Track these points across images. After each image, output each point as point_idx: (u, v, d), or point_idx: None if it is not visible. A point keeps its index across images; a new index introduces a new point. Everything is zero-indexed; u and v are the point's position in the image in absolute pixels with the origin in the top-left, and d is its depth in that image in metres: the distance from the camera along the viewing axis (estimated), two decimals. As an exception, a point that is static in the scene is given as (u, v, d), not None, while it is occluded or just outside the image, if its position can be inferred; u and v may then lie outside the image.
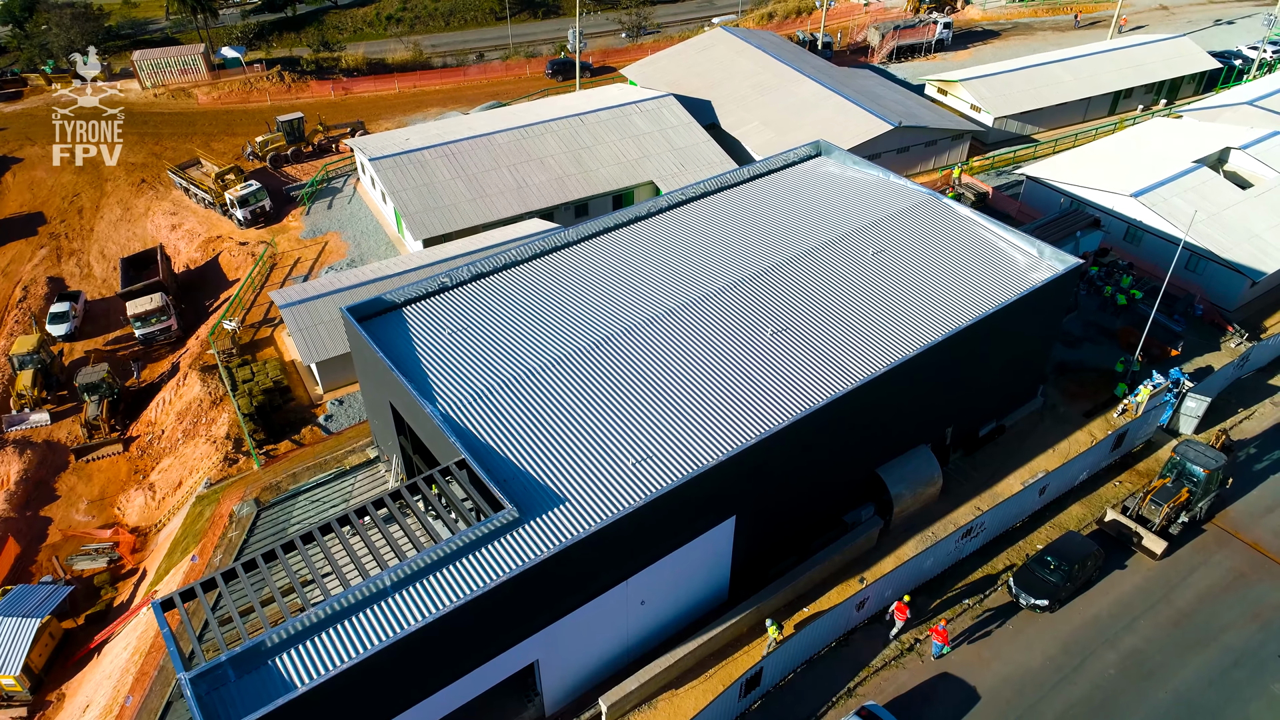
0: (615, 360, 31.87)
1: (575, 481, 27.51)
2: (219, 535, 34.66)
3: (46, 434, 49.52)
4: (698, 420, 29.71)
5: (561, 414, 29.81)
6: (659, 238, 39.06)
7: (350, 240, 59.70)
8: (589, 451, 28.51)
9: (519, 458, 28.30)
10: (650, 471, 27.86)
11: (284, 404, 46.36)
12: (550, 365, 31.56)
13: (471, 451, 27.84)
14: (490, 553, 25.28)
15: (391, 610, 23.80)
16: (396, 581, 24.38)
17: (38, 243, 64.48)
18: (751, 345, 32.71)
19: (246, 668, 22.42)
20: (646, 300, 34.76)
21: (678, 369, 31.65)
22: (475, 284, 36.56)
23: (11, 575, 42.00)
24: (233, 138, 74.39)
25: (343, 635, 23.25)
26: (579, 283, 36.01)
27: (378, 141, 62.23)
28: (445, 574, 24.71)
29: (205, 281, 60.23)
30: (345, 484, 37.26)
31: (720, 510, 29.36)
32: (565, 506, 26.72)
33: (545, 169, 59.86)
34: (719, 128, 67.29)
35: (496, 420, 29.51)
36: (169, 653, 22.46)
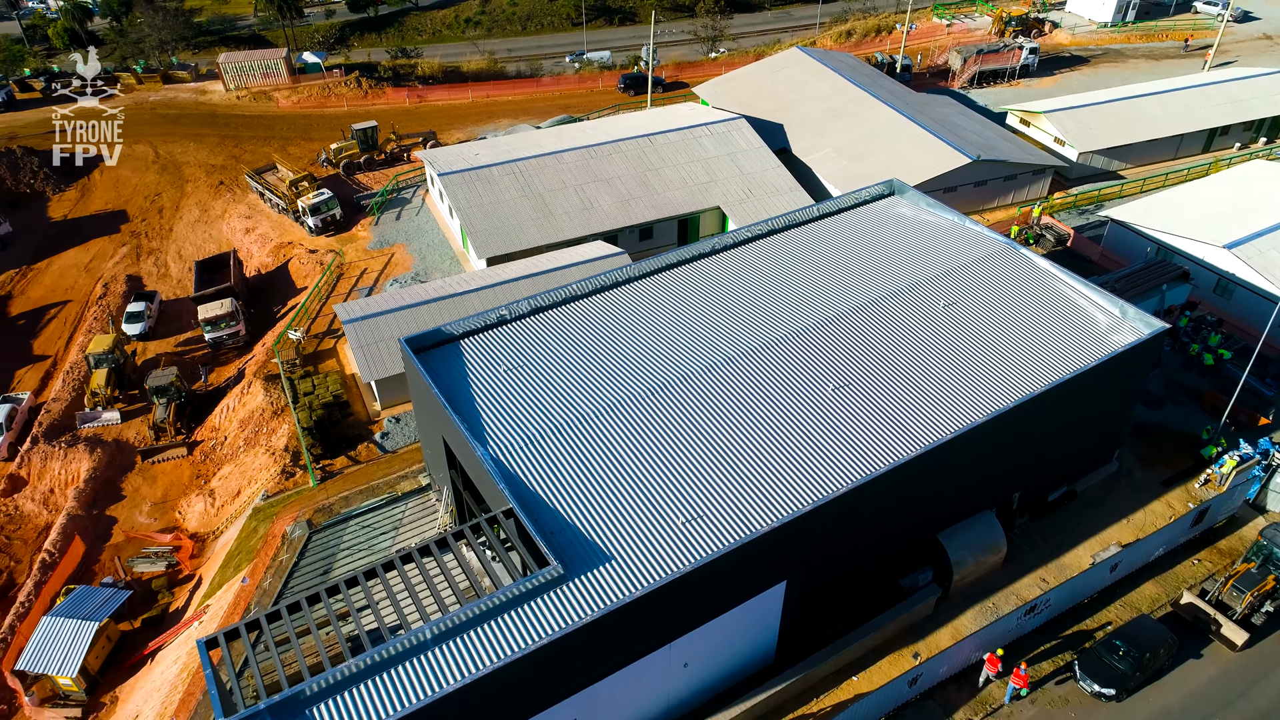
0: (670, 409, 31.24)
1: (623, 539, 26.96)
2: (271, 556, 35.04)
3: (116, 433, 50.91)
4: (752, 479, 28.90)
5: (612, 465, 29.29)
6: (722, 277, 38.28)
7: (416, 254, 60.18)
8: (639, 507, 27.93)
9: (567, 510, 27.86)
10: (701, 532, 27.16)
11: (342, 419, 46.82)
12: (604, 411, 31.06)
13: (520, 501, 27.52)
14: (533, 611, 24.87)
15: (432, 665, 23.57)
16: (437, 635, 24.15)
17: (119, 240, 66.54)
18: (812, 400, 31.74)
19: (284, 716, 22.41)
20: (706, 345, 34.04)
21: (734, 422, 30.87)
22: (534, 318, 36.29)
23: (76, 574, 43.18)
24: (309, 142, 75.80)
25: (382, 689, 23.09)
26: (638, 323, 35.45)
27: (448, 155, 62.63)
28: (487, 630, 24.38)
29: (274, 287, 61.36)
30: (396, 511, 37.37)
31: (771, 575, 28.51)
32: (612, 565, 26.19)
33: (611, 190, 59.50)
34: (790, 153, 66.07)
35: (546, 468, 29.13)
36: (210, 695, 22.58)
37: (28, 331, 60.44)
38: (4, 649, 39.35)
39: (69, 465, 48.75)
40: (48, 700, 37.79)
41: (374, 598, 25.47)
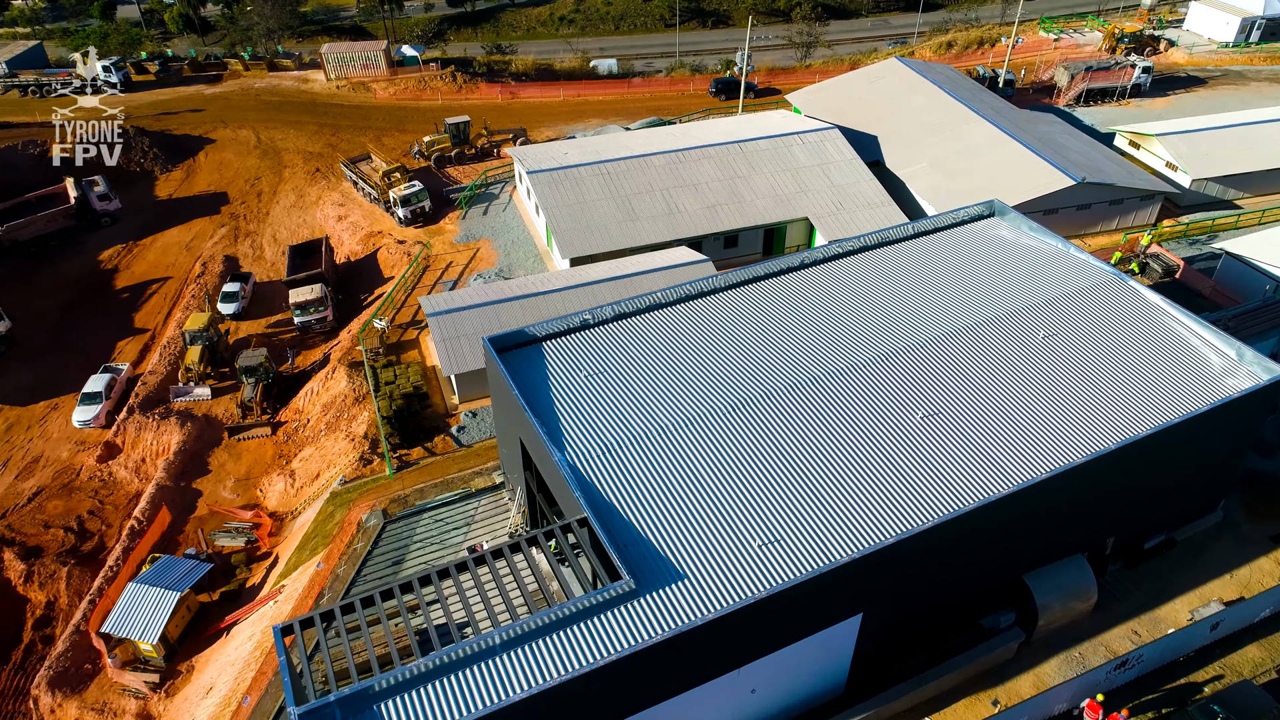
0: (751, 427, 30.58)
1: (698, 557, 26.45)
2: (346, 543, 35.60)
3: (206, 409, 52.60)
4: (833, 505, 28.05)
5: (690, 480, 28.80)
6: (810, 294, 37.40)
7: (501, 250, 60.67)
8: (715, 526, 27.38)
9: (642, 523, 27.49)
10: (778, 557, 26.46)
11: (421, 410, 47.44)
12: (683, 424, 30.59)
13: (595, 510, 27.27)
14: (603, 624, 24.56)
15: (500, 672, 23.46)
16: (506, 641, 24.03)
17: (219, 221, 68.86)
18: (899, 427, 30.68)
19: (353, 709, 22.58)
20: (791, 364, 33.25)
21: (817, 445, 30.04)
22: (617, 324, 36.03)
23: (160, 543, 44.71)
24: (403, 134, 77.26)
25: (448, 691, 23.08)
26: (722, 336, 34.86)
27: (537, 153, 62.96)
28: (556, 640, 24.16)
29: (362, 275, 62.65)
30: (469, 507, 37.60)
31: (848, 606, 27.64)
32: (685, 584, 25.71)
33: (698, 196, 58.95)
34: (883, 165, 64.50)
35: (623, 478, 28.81)
36: (283, 682, 22.89)
37: (130, 305, 63.02)
38: (92, 610, 40.94)
39: (161, 437, 50.57)
40: (129, 663, 39.19)
41: (444, 594, 25.50)
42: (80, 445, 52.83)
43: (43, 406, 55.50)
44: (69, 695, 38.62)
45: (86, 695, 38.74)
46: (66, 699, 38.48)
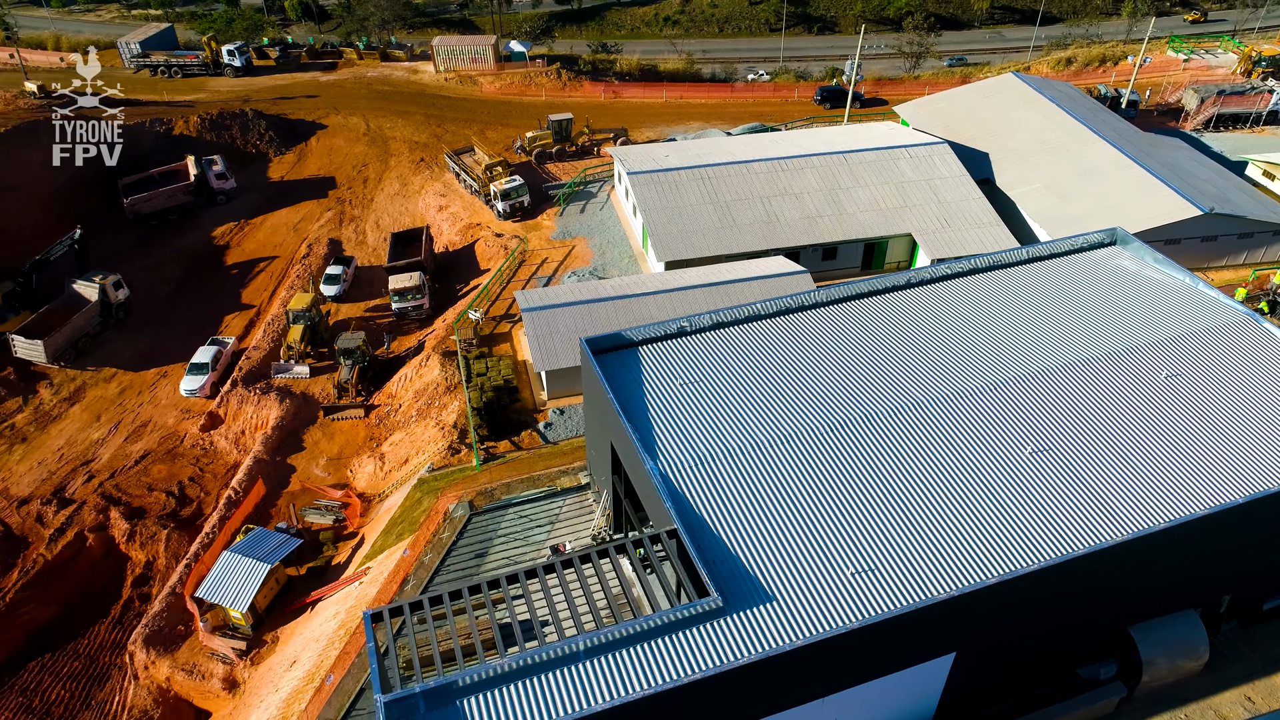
0: (850, 450, 29.71)
1: (788, 580, 25.78)
2: (432, 532, 36.08)
3: (304, 387, 54.25)
4: (933, 538, 27.00)
5: (783, 499, 28.13)
6: (917, 315, 36.19)
7: (596, 248, 60.86)
8: (807, 549, 26.66)
9: (732, 539, 26.96)
10: (872, 587, 25.59)
11: (510, 403, 47.92)
12: (779, 441, 29.93)
13: (685, 523, 26.86)
14: (688, 640, 24.13)
15: (582, 678, 23.25)
16: (590, 648, 23.83)
17: (326, 205, 71.01)
18: (1006, 462, 29.37)
19: (436, 703, 22.70)
20: (894, 387, 32.21)
21: (917, 473, 28.99)
22: (714, 333, 35.55)
23: (254, 515, 46.24)
24: (506, 128, 78.34)
25: (531, 693, 22.99)
26: (823, 352, 34.02)
27: (637, 154, 62.94)
28: (640, 652, 23.84)
29: (459, 265, 63.74)
30: (554, 505, 37.68)
31: (940, 645, 26.58)
32: (773, 607, 25.08)
33: (799, 205, 58.01)
34: (993, 184, 62.34)
35: (715, 492, 28.32)
36: (370, 668, 23.19)
37: (238, 281, 65.51)
38: (188, 574, 42.59)
39: (260, 411, 52.35)
40: (218, 629, 40.61)
41: (529, 592, 25.49)
42: (185, 413, 55.13)
43: (153, 373, 58.13)
44: (162, 654, 40.26)
45: (178, 655, 40.31)
46: (160, 657, 40.11)
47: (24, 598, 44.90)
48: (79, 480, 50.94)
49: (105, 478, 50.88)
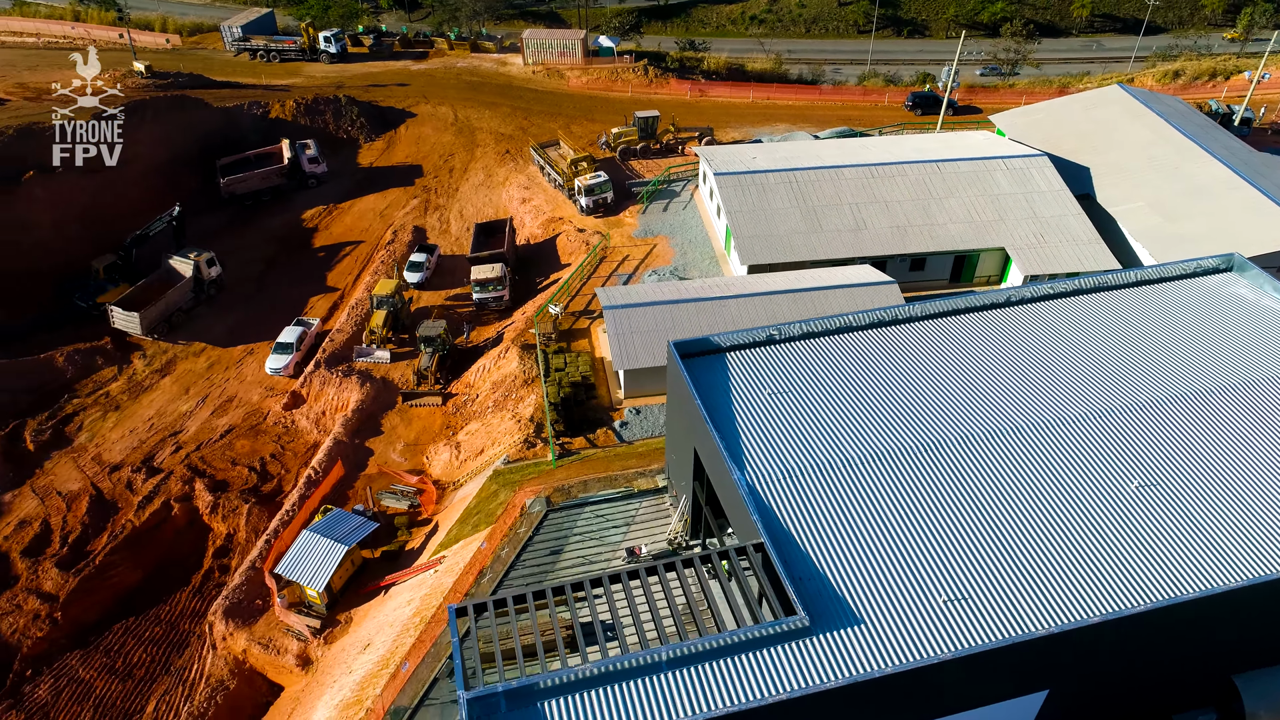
0: (944, 472, 28.74)
1: (877, 604, 25.01)
2: (509, 526, 36.16)
3: (384, 371, 55.05)
4: (1029, 569, 25.91)
5: (874, 519, 27.34)
6: (1017, 335, 34.89)
7: (677, 248, 60.44)
8: (897, 572, 25.84)
9: (819, 557, 26.29)
10: (965, 617, 24.66)
11: (587, 400, 47.84)
12: (870, 458, 29.11)
13: (772, 537, 26.29)
14: (773, 659, 23.57)
15: (663, 689, 22.89)
16: (673, 659, 23.45)
17: (412, 193, 72.03)
18: (1109, 495, 28.05)
19: (518, 703, 22.59)
20: (991, 408, 31.07)
21: (1015, 501, 27.89)
22: (804, 342, 34.82)
23: (332, 495, 47.07)
24: (591, 123, 78.39)
25: (611, 699, 22.72)
26: (917, 369, 33.02)
27: (724, 155, 62.27)
28: (721, 667, 23.37)
29: (540, 258, 63.97)
30: (630, 506, 37.45)
31: (1033, 681, 25.51)
32: (860, 630, 24.35)
33: (888, 214, 56.66)
34: (1093, 200, 59.98)
35: (803, 507, 27.68)
36: (454, 664, 23.20)
37: (324, 264, 66.88)
38: (268, 550, 43.56)
39: (341, 393, 53.30)
40: (294, 605, 41.44)
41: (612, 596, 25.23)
42: (269, 391, 56.48)
43: (240, 350, 59.71)
44: (240, 626, 41.25)
45: (255, 629, 41.26)
46: (238, 629, 41.11)
47: (112, 561, 46.51)
48: (167, 450, 52.60)
49: (192, 449, 52.43)
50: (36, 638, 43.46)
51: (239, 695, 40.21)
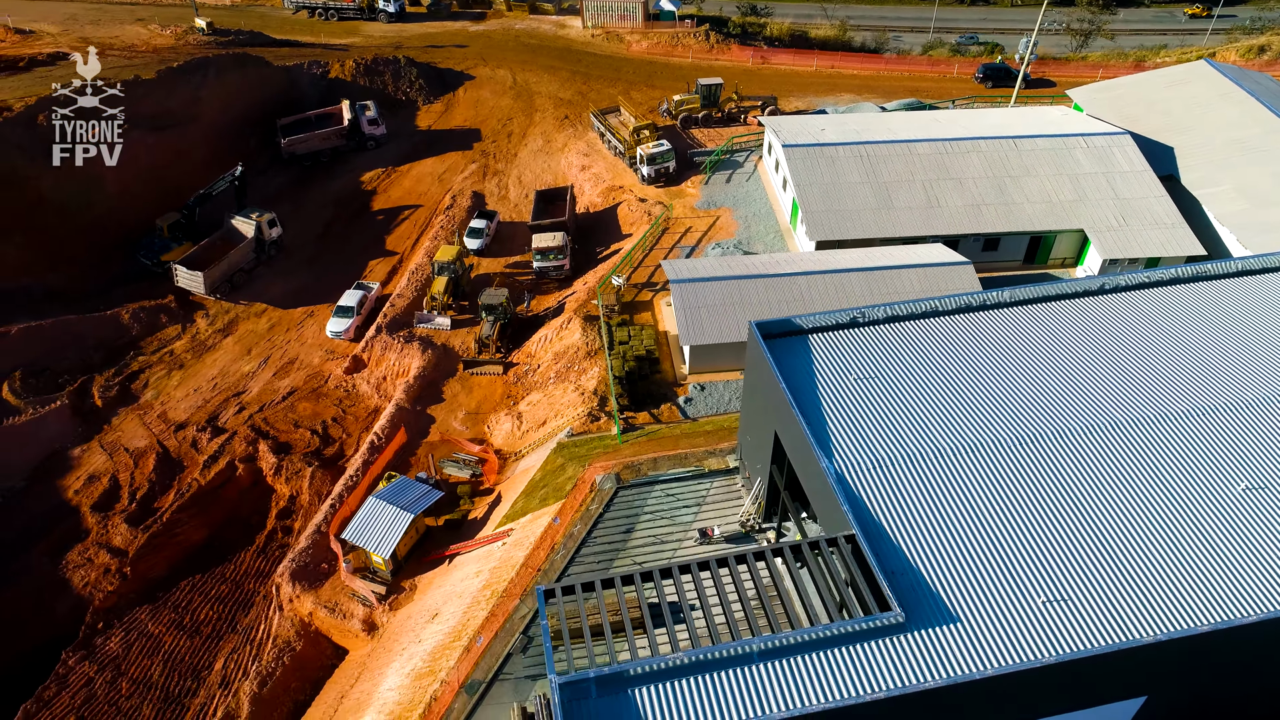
0: (1041, 467, 27.76)
1: (972, 601, 24.28)
2: (580, 501, 35.85)
3: (445, 338, 54.89)
4: (1130, 571, 24.98)
5: (968, 513, 26.52)
6: (1112, 325, 33.53)
7: (741, 220, 59.28)
8: (994, 570, 25.05)
9: (912, 550, 25.57)
10: (1065, 620, 23.85)
11: (650, 374, 47.26)
12: (963, 450, 28.20)
13: (863, 529, 25.61)
14: (867, 655, 22.99)
15: (757, 681, 22.45)
16: (764, 651, 23.00)
17: (470, 157, 71.36)
18: (1214, 496, 26.92)
19: (608, 688, 22.29)
20: (1088, 402, 29.92)
21: (1114, 499, 26.87)
22: (888, 326, 33.80)
23: (394, 461, 47.18)
24: (650, 89, 76.94)
25: (701, 689, 22.34)
26: (1008, 357, 31.89)
27: (791, 126, 60.69)
28: (814, 661, 22.85)
29: (600, 227, 63.15)
30: (701, 486, 36.93)
31: (1132, 688, 24.71)
32: (957, 629, 23.67)
33: (962, 192, 54.93)
34: (1176, 181, 57.62)
35: (894, 498, 26.92)
36: (544, 647, 22.96)
37: (383, 227, 66.66)
38: (333, 515, 43.80)
39: (403, 359, 53.26)
40: (359, 571, 41.70)
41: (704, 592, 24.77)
42: (330, 354, 56.64)
43: (300, 312, 59.89)
44: (306, 589, 41.63)
45: (321, 592, 41.63)
46: (304, 592, 41.50)
47: (179, 519, 47.19)
48: (231, 410, 53.07)
49: (255, 410, 52.83)
50: (107, 591, 44.34)
51: (305, 656, 40.72)
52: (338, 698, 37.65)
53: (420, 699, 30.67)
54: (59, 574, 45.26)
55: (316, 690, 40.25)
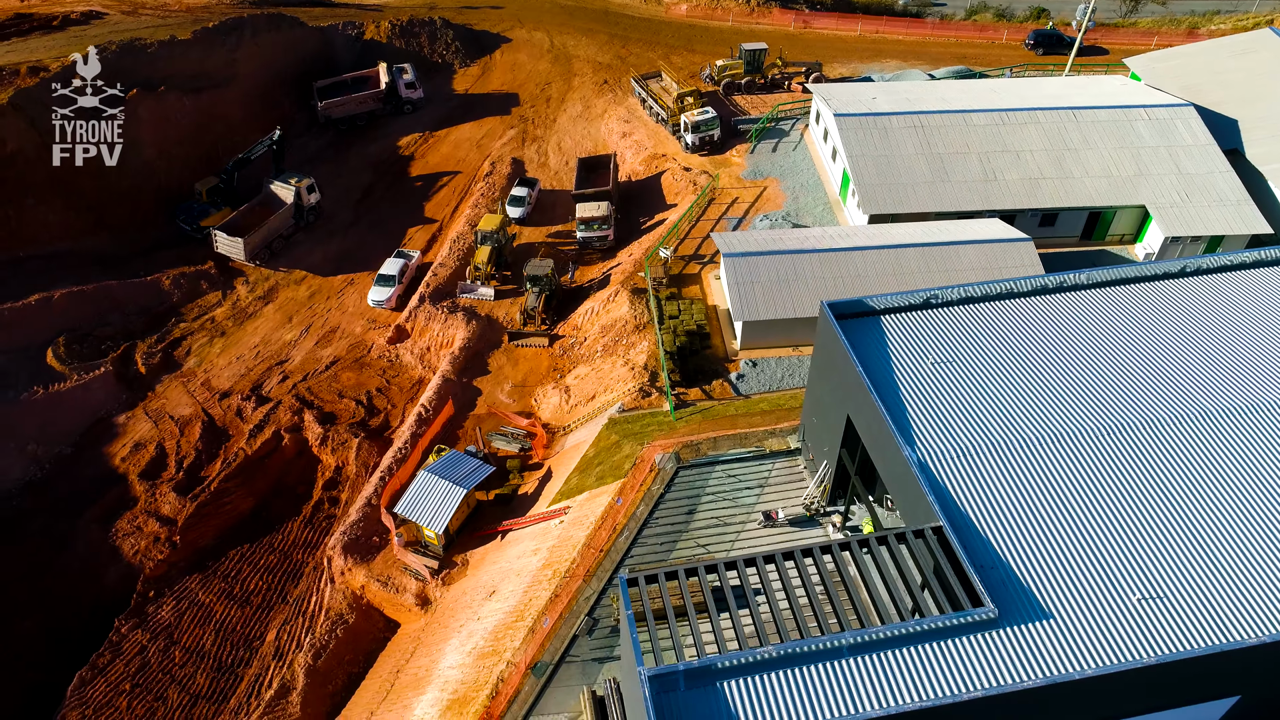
0: (1132, 458, 26.99)
1: (1066, 597, 23.69)
2: (640, 482, 35.34)
3: (488, 309, 54.18)
4: (1227, 568, 24.29)
5: (1057, 505, 25.83)
6: (1195, 308, 32.48)
7: (788, 191, 57.99)
8: (1086, 565, 24.42)
9: (1000, 543, 24.94)
10: (1161, 617, 23.24)
11: (701, 349, 46.52)
12: (1049, 439, 27.43)
13: (950, 521, 24.97)
14: (959, 652, 22.49)
15: (847, 677, 22.03)
16: (854, 645, 22.54)
17: (508, 123, 70.06)
18: (1313, 492, 26.14)
19: (696, 682, 21.94)
20: (1177, 390, 29.03)
21: (1210, 493, 26.11)
22: (964, 307, 32.86)
23: (442, 434, 46.76)
24: (690, 54, 75.19)
25: (791, 683, 21.93)
26: (1093, 342, 30.96)
27: (842, 94, 59.02)
28: (906, 657, 22.39)
29: (642, 196, 61.97)
30: (763, 467, 36.34)
31: (1226, 687, 24.14)
32: (1050, 626, 23.10)
33: (1019, 165, 53.39)
34: (1241, 156, 55.82)
35: (980, 489, 26.24)
36: (630, 638, 22.53)
37: (421, 194, 65.70)
38: (383, 487, 43.55)
39: (447, 330, 52.64)
40: (411, 544, 41.51)
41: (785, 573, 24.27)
42: (371, 323, 56.09)
43: (340, 280, 59.26)
44: (359, 562, 41.51)
45: (373, 566, 41.50)
46: (357, 565, 41.38)
47: (226, 488, 47.05)
48: (274, 379, 52.73)
49: (298, 379, 52.47)
50: (157, 560, 44.38)
51: (357, 629, 40.68)
52: (393, 671, 37.64)
53: (485, 679, 30.48)
54: (109, 541, 45.32)
55: (369, 663, 40.27)
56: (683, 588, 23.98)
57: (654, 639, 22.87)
